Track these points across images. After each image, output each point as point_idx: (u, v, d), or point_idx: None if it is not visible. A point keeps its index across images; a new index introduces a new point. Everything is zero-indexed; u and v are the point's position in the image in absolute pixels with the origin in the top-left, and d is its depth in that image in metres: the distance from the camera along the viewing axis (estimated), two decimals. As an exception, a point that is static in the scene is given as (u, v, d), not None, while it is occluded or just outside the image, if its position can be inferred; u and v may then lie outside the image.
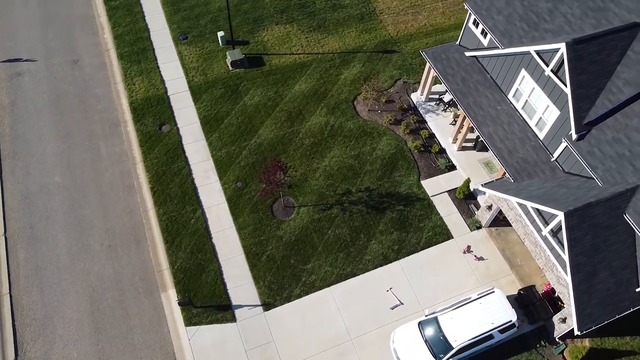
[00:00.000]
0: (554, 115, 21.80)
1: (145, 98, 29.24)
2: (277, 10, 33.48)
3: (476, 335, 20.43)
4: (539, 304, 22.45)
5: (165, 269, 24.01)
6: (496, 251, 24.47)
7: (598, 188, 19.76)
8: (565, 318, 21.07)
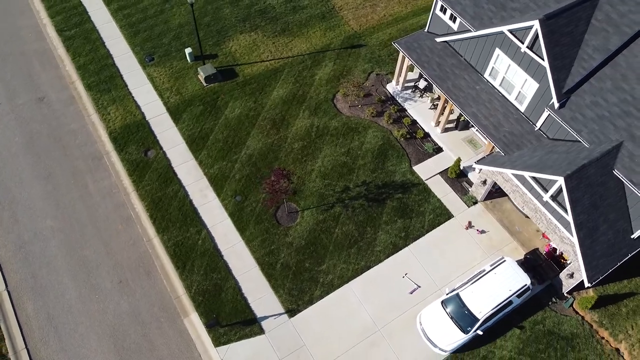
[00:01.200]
0: (533, 88, 23.24)
1: (123, 126, 28.60)
2: (239, 19, 33.43)
3: (497, 303, 21.70)
4: (545, 265, 24.04)
5: (182, 295, 23.85)
6: (495, 222, 25.87)
7: (586, 149, 21.35)
8: (573, 273, 22.70)
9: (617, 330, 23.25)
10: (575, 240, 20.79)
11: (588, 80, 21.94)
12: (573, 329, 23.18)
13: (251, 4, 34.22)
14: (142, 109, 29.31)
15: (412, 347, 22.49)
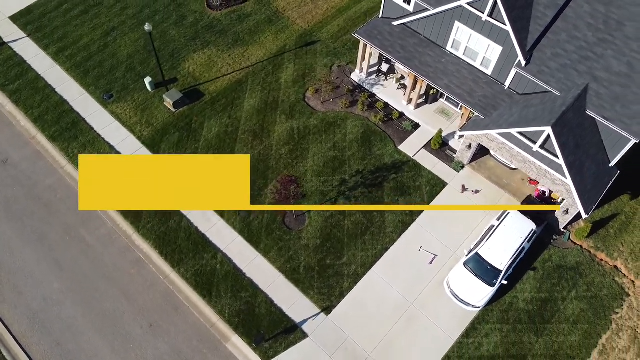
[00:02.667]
0: (497, 51, 25.15)
1: (103, 170, 27.66)
2: (188, 39, 32.94)
3: (514, 252, 23.65)
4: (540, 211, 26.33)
5: (217, 321, 23.82)
6: (484, 180, 27.84)
7: (559, 97, 23.56)
8: (567, 209, 25.09)
9: (611, 250, 26.05)
10: (569, 179, 23.04)
11: (545, 35, 24.11)
12: (576, 258, 25.70)
13: (195, 21, 33.80)
14: (116, 148, 28.37)
15: (446, 311, 24.02)
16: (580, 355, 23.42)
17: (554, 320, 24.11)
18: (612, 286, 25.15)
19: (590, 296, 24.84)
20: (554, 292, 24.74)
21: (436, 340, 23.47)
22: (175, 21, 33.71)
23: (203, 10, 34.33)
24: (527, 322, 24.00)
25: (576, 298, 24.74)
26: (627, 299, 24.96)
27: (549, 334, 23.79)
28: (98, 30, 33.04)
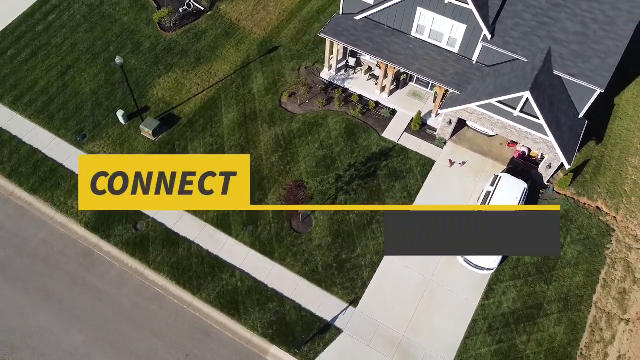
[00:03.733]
0: (462, 30, 26.69)
1: (97, 211, 26.81)
2: (150, 65, 32.29)
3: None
4: (522, 168, 28.30)
5: (252, 337, 24.01)
6: (468, 151, 29.48)
7: (527, 63, 25.41)
8: (550, 164, 27.17)
9: (591, 193, 28.48)
10: (551, 137, 25.00)
11: (504, 8, 25.87)
12: (564, 206, 27.91)
13: (152, 46, 33.16)
14: (104, 188, 27.63)
15: (463, 280, 25.47)
16: (587, 293, 25.62)
17: (558, 267, 26.18)
18: (599, 225, 27.58)
19: (583, 238, 27.12)
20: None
21: (460, 308, 24.89)
22: (131, 49, 32.92)
23: (157, 34, 33.74)
24: (536, 274, 25.92)
25: (572, 242, 26.94)
26: (613, 234, 27.45)
27: (557, 279, 25.83)
28: (53, 71, 31.71)
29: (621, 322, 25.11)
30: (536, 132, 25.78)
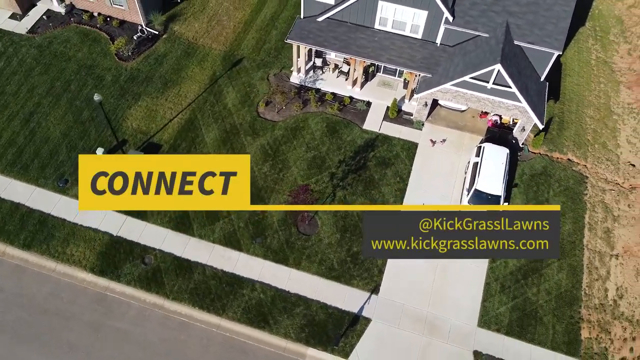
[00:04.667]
0: (424, 16, 28.13)
1: (99, 254, 26.12)
2: (117, 97, 31.54)
3: (502, 177, 27.25)
4: (499, 135, 30.27)
5: (286, 344, 24.43)
6: (445, 129, 31.11)
7: (490, 38, 27.23)
8: (524, 127, 29.26)
9: (560, 147, 30.92)
10: (523, 102, 27.00)
11: (459, -10, 27.57)
12: (540, 164, 30.16)
13: (115, 78, 32.36)
14: (100, 229, 26.92)
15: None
16: (578, 238, 27.93)
17: (548, 219, 28.33)
18: (574, 175, 30.04)
19: (563, 189, 29.46)
20: (538, 196, 28.97)
21: (472, 275, 26.44)
22: (94, 84, 32.02)
23: (117, 65, 32.96)
24: (531, 229, 27.94)
25: (555, 195, 29.22)
26: (587, 181, 30.00)
27: (550, 231, 27.94)
28: (15, 121, 30.31)
29: (612, 258, 27.59)
30: (509, 100, 27.70)
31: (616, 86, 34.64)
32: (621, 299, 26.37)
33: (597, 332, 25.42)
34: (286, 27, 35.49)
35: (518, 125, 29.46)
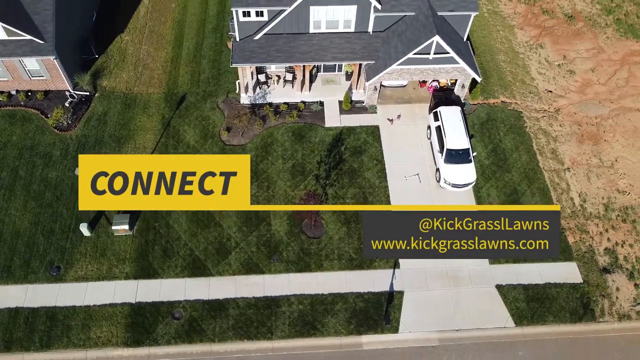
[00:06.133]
0: (353, 10, 30.28)
1: (126, 326, 25.21)
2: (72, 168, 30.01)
3: (465, 131, 30.46)
4: (444, 97, 33.55)
5: (341, 340, 25.69)
6: (395, 105, 33.76)
7: (418, 15, 30.04)
8: (463, 84, 32.75)
9: (492, 93, 35.01)
10: (462, 63, 30.34)
11: (377, -20, 30.05)
12: (483, 112, 33.97)
13: (63, 150, 30.63)
14: (117, 301, 25.93)
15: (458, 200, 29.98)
16: (535, 164, 31.99)
17: (507, 155, 32.17)
18: (512, 114, 34.20)
19: (509, 128, 33.47)
20: (493, 140, 32.72)
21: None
22: (44, 163, 30.19)
23: (60, 137, 31.26)
24: (498, 168, 31.57)
25: (505, 134, 33.16)
26: (522, 114, 34.37)
27: (513, 166, 31.77)
28: (-27, 225, 27.88)
29: (565, 172, 32.12)
30: (448, 64, 30.89)
31: (511, 30, 39.70)
32: (585, 202, 30.94)
33: (579, 235, 29.69)
34: (214, 54, 35.94)
35: (458, 84, 32.92)
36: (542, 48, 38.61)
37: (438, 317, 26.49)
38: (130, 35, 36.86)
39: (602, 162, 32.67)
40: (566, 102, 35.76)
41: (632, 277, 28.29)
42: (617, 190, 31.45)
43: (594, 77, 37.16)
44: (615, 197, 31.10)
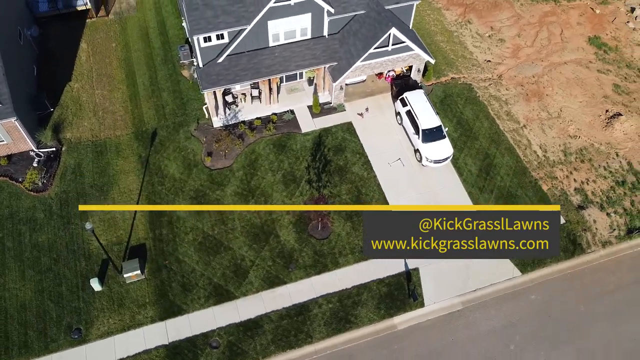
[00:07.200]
0: (308, 18, 31.57)
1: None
2: (60, 229, 28.84)
3: (433, 111, 32.75)
4: (404, 84, 35.68)
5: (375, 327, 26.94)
6: (361, 100, 35.48)
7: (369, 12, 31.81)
8: (418, 69, 35.08)
9: (441, 72, 37.69)
10: (416, 49, 32.60)
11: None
12: (439, 90, 36.52)
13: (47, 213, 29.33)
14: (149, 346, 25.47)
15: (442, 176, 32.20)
16: (496, 127, 34.98)
17: (470, 125, 34.86)
18: (463, 87, 37.00)
19: (465, 100, 36.24)
20: (455, 114, 35.33)
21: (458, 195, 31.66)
22: (30, 229, 28.80)
23: (38, 199, 29.89)
24: (467, 138, 34.17)
25: (463, 107, 35.88)
26: (472, 86, 37.32)
27: (478, 134, 34.51)
28: (-29, 309, 26.13)
29: (523, 129, 35.40)
30: (404, 53, 33.03)
31: (439, 12, 42.82)
32: (546, 152, 34.29)
33: (550, 182, 32.90)
34: (172, 84, 35.81)
35: (413, 69, 35.21)
36: (471, 23, 42.05)
37: (455, 284, 28.46)
38: (79, 83, 35.82)
39: (550, 115, 36.34)
40: (505, 68, 39.27)
41: (602, 208, 31.87)
42: (569, 136, 35.19)
43: (521, 42, 41.07)
44: (570, 142, 34.78)
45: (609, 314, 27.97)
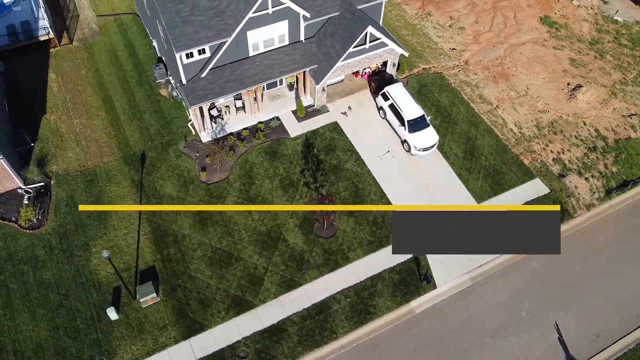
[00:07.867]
0: (285, 25, 32.18)
1: (201, 385, 24.90)
2: (63, 256, 28.14)
3: (415, 102, 34.04)
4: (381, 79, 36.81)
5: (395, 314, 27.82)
6: (342, 100, 36.39)
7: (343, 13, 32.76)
8: (394, 63, 36.34)
9: (413, 63, 39.17)
10: (391, 44, 33.81)
11: (298, -8, 32.30)
12: (414, 81, 37.93)
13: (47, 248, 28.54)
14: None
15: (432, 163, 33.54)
16: (471, 111, 36.74)
17: (448, 111, 36.47)
18: (436, 76, 38.62)
19: (438, 88, 37.81)
20: (433, 102, 36.81)
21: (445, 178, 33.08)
22: (32, 267, 27.95)
23: (35, 236, 29.03)
24: (447, 124, 35.68)
25: (439, 94, 37.47)
26: (443, 74, 39.00)
27: (455, 117, 36.15)
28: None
29: (497, 109, 37.34)
30: (380, 49, 34.21)
31: (399, 7, 44.41)
32: (522, 129, 36.30)
33: (530, 156, 34.86)
34: (152, 105, 35.54)
35: (389, 64, 36.45)
36: (431, 15, 43.85)
37: (460, 262, 29.73)
38: (55, 114, 34.97)
39: (518, 93, 38.46)
40: (470, 54, 41.22)
41: (581, 174, 34.10)
42: (539, 111, 37.38)
43: (480, 28, 43.20)
44: (541, 117, 36.97)
45: (603, 270, 30.03)
